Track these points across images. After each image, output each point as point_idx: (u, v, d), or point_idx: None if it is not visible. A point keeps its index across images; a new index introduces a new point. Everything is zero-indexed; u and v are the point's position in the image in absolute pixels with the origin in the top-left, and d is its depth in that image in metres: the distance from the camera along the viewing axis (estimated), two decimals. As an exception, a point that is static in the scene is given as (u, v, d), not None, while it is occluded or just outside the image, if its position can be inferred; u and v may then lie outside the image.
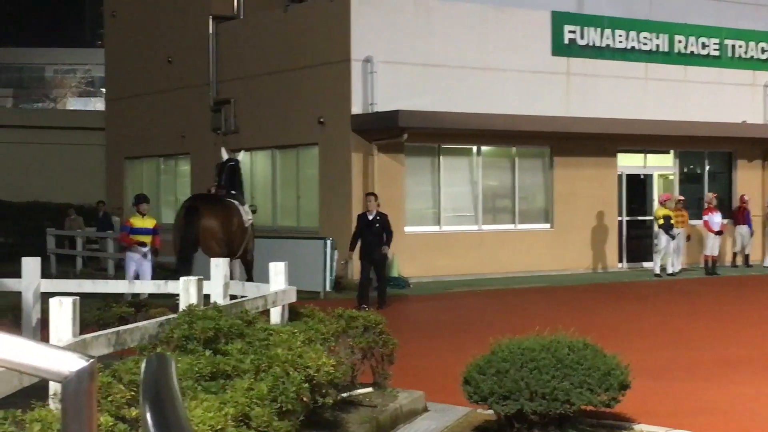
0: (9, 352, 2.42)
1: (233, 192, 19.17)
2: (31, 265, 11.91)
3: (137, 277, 20.27)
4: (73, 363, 2.37)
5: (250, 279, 17.74)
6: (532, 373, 8.83)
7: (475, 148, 28.73)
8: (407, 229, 27.21)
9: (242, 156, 20.29)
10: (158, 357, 2.51)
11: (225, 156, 19.84)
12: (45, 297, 11.88)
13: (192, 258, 17.89)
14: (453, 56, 27.77)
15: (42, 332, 11.62)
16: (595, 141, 29.71)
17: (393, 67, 26.87)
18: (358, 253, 21.09)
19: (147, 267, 20.88)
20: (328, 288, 23.29)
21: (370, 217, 20.58)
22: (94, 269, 31.04)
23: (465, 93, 27.72)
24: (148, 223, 21.17)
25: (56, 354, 2.40)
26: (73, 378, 2.35)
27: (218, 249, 17.79)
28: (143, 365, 2.49)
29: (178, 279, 11.88)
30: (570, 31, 29.71)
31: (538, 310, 20.61)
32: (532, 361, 8.91)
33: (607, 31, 30.27)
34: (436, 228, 27.99)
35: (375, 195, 21.07)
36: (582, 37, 29.91)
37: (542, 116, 28.01)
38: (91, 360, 2.39)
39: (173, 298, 16.37)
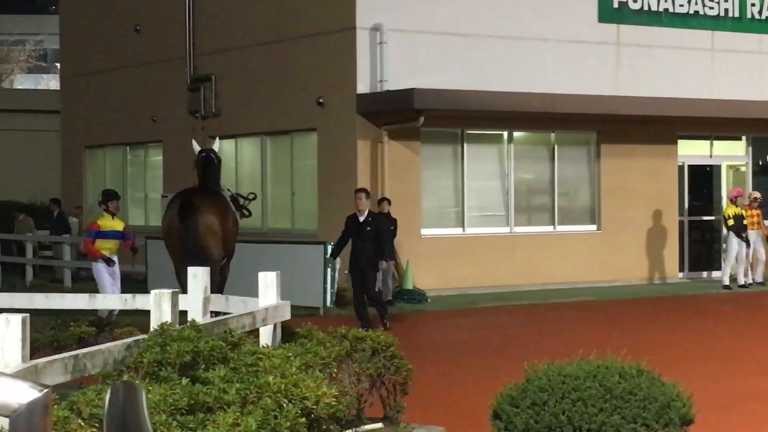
0: (-54, 380, 2.42)
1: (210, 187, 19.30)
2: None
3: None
4: (23, 393, 2.38)
5: (221, 290, 17.81)
6: (576, 405, 8.81)
7: (506, 134, 28.73)
8: (424, 232, 27.23)
9: (218, 144, 20.32)
10: (125, 386, 2.51)
11: (197, 148, 19.95)
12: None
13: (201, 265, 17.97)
14: (480, 23, 27.77)
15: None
16: (650, 125, 29.68)
17: (407, 37, 26.87)
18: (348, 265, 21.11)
19: (117, 278, 20.93)
20: (328, 303, 23.32)
21: (361, 219, 20.28)
22: (48, 280, 31.13)
23: (494, 68, 27.72)
24: (118, 225, 21.15)
25: (4, 383, 2.40)
26: (24, 411, 2.35)
27: (216, 250, 17.92)
28: (108, 396, 2.49)
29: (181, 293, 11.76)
30: (620, -7, 29.71)
31: (582, 329, 20.60)
32: (576, 391, 8.90)
33: (666, -7, 30.26)
34: (458, 231, 28.00)
35: (366, 191, 20.79)
36: (635, -1, 29.90)
37: (587, 95, 28.00)
38: (45, 390, 2.40)
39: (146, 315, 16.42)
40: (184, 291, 10.61)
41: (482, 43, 27.78)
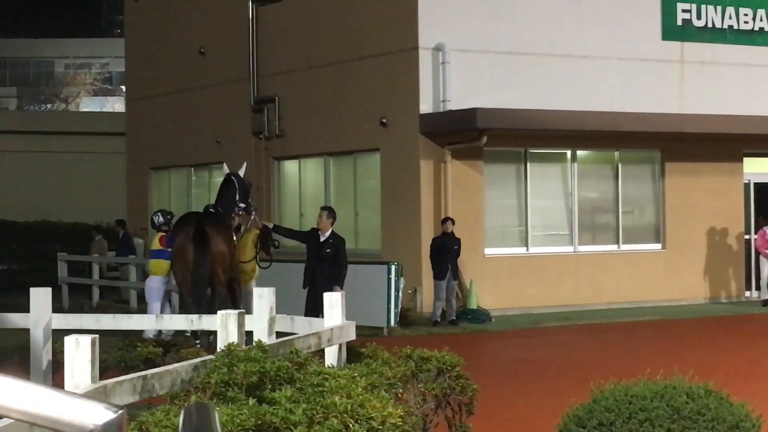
0: (23, 400, 2.46)
1: (211, 207, 19.96)
2: (40, 296, 12.06)
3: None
4: (98, 414, 2.40)
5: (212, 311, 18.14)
6: (643, 426, 8.76)
7: (569, 153, 28.63)
8: (488, 251, 27.18)
9: (243, 169, 20.68)
10: (198, 407, 2.53)
11: (225, 171, 20.63)
12: (57, 334, 12.05)
13: (205, 294, 18.27)
14: (542, 42, 27.73)
15: (54, 377, 11.77)
16: (715, 143, 29.46)
17: (469, 56, 26.88)
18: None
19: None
20: (392, 323, 23.32)
21: (321, 239, 19.08)
22: (114, 301, 31.37)
23: (557, 86, 27.65)
24: None
25: (78, 404, 2.43)
26: (99, 432, 2.38)
27: (224, 277, 18.23)
28: (181, 416, 2.51)
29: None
30: (684, 10, 29.54)
31: (648, 348, 20.44)
32: (643, 411, 8.84)
33: (730, 9, 30.05)
34: (522, 250, 27.92)
35: (328, 209, 19.74)
36: (699, 17, 29.71)
37: (651, 113, 27.85)
38: (120, 411, 2.42)
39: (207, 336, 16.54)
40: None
41: (545, 61, 27.73)
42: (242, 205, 19.79)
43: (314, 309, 17.41)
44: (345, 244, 19.44)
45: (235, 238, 19.34)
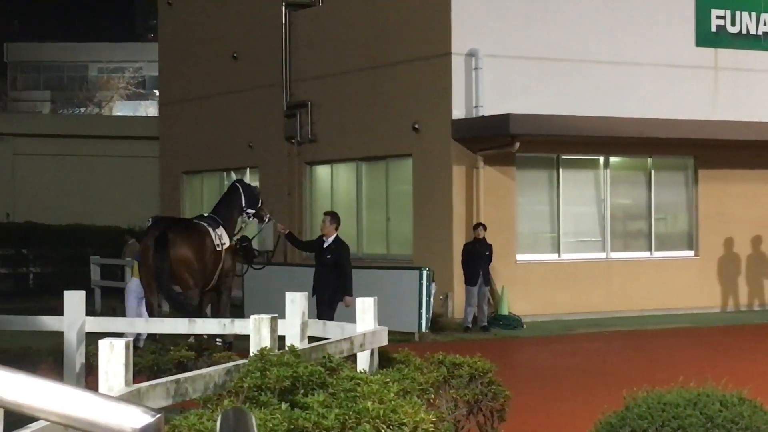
0: (61, 403, 2.47)
1: (206, 214, 20.09)
2: (74, 300, 12.12)
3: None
4: (136, 418, 2.42)
5: (217, 315, 18.42)
6: (676, 434, 8.72)
7: (601, 159, 28.56)
8: (519, 257, 27.13)
9: (247, 176, 21.00)
10: (236, 411, 2.54)
11: (232, 178, 20.98)
12: (90, 337, 12.10)
13: (169, 297, 18.48)
14: (575, 48, 27.67)
15: (87, 379, 11.82)
16: (749, 150, 29.32)
17: (502, 62, 26.86)
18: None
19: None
20: (423, 328, 23.31)
21: (324, 245, 18.86)
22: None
23: (590, 92, 27.59)
24: None
25: (116, 407, 2.44)
26: (137, 436, 2.39)
27: (192, 281, 18.36)
28: (219, 421, 2.52)
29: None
30: (718, 17, 29.43)
31: (681, 356, 20.37)
32: (676, 419, 8.81)
33: (765, 16, 29.91)
34: (554, 256, 27.85)
35: (331, 215, 19.47)
36: (733, 23, 29.60)
37: (684, 120, 27.75)
38: (157, 415, 2.43)
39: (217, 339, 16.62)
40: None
41: (578, 68, 27.68)
42: (250, 210, 19.94)
43: (319, 315, 17.40)
44: (348, 250, 19.17)
45: (220, 245, 19.38)
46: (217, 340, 16.66)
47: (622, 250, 28.71)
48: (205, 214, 20.45)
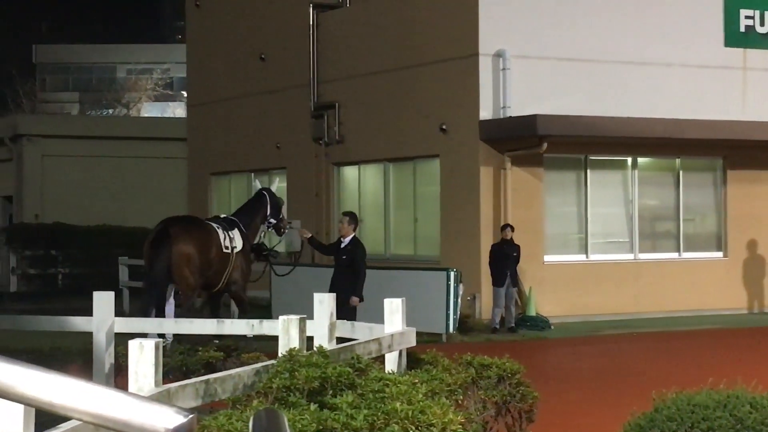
0: (94, 403, 2.48)
1: (224, 215, 20.37)
2: (103, 300, 12.17)
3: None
4: (169, 419, 2.42)
5: (241, 314, 18.52)
6: (705, 436, 8.68)
7: (629, 160, 28.49)
8: (547, 258, 27.09)
9: (258, 184, 21.03)
10: (268, 412, 2.54)
11: (258, 186, 21.18)
12: (119, 338, 12.15)
13: (164, 293, 18.50)
14: (603, 49, 27.61)
15: (116, 380, 11.86)
16: (778, 150, 29.19)
17: (530, 63, 26.82)
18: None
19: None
20: (451, 329, 23.29)
21: (342, 246, 18.84)
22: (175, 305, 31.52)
23: (618, 93, 27.52)
24: None
25: (149, 408, 2.45)
26: (170, 436, 2.40)
27: (191, 279, 18.38)
28: (251, 422, 2.53)
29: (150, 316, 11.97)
30: (747, 17, 29.31)
31: (710, 357, 20.30)
32: (705, 421, 8.78)
33: (794, 16, 29.78)
34: (582, 257, 27.80)
35: (350, 215, 19.33)
36: (762, 23, 29.47)
37: (713, 120, 27.65)
38: (190, 416, 2.44)
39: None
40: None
41: (606, 68, 27.61)
42: (273, 220, 20.14)
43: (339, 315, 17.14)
44: (364, 251, 19.02)
45: (230, 248, 19.39)
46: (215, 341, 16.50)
47: (650, 251, 28.63)
48: (222, 215, 20.59)
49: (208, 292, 19.99)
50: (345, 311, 17.50)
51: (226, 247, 19.28)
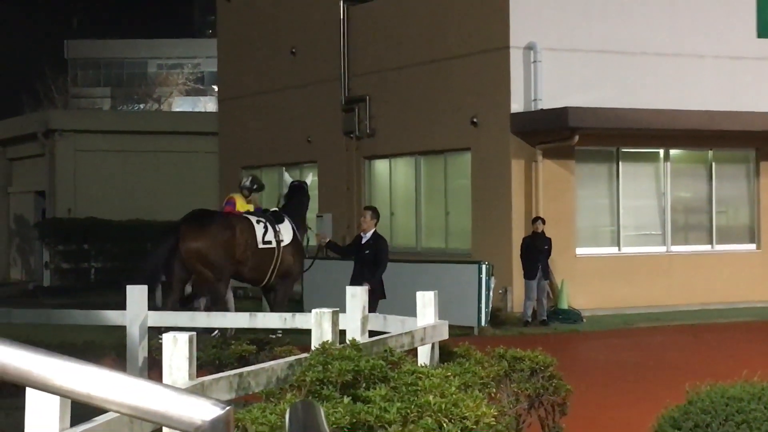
0: (132, 395, 2.50)
1: (266, 209, 20.28)
2: (136, 294, 12.22)
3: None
4: (206, 411, 2.43)
5: (275, 309, 18.23)
6: (740, 428, 8.66)
7: (662, 152, 28.39)
8: (579, 251, 27.04)
9: (309, 179, 21.09)
10: (304, 405, 2.55)
11: (289, 180, 21.07)
12: (152, 332, 12.20)
13: (154, 288, 18.41)
14: (635, 41, 27.52)
15: (149, 374, 11.91)
16: (812, 142, 29.03)
17: (561, 55, 26.77)
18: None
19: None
20: (483, 322, 23.29)
21: (363, 241, 18.67)
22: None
23: (650, 85, 27.44)
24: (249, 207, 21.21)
25: (186, 400, 2.46)
26: (207, 428, 2.41)
27: (208, 273, 18.16)
28: (288, 414, 2.53)
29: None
30: (780, 7, 29.15)
31: (745, 350, 20.20)
32: (740, 413, 8.74)
33: (827, 7, 29.60)
34: (614, 250, 27.74)
35: (372, 210, 19.14)
36: (795, 14, 29.30)
37: (745, 112, 27.52)
38: (227, 408, 2.45)
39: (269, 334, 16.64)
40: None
41: (637, 60, 27.52)
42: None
43: None
44: (386, 244, 18.73)
45: (274, 241, 19.18)
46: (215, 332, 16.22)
47: (682, 244, 28.54)
48: (271, 209, 20.34)
49: (255, 286, 19.95)
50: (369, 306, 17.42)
51: (267, 241, 19.02)
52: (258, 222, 19.19)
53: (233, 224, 18.97)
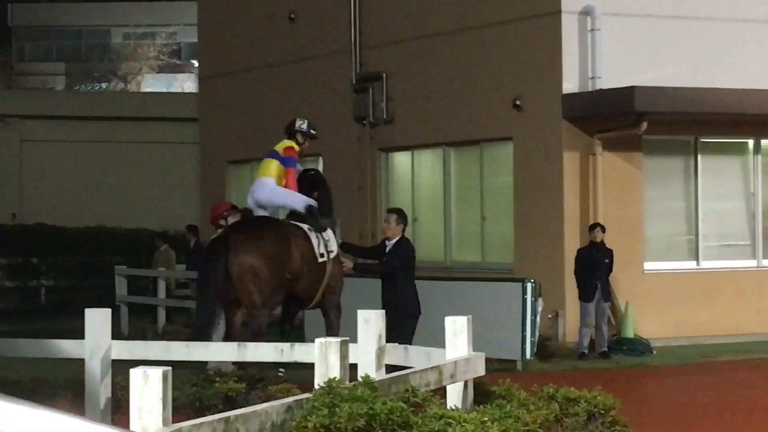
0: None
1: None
2: (97, 319, 12.24)
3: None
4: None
5: (331, 334, 17.99)
6: None
7: (751, 143, 28.40)
8: (648, 266, 27.03)
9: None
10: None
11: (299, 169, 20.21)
12: (117, 366, 12.23)
13: (215, 314, 18.26)
14: (717, 4, 27.54)
15: (114, 418, 11.94)
16: None
17: (625, 22, 26.78)
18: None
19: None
20: (528, 355, 23.29)
21: (387, 249, 18.97)
22: (184, 326, 31.67)
23: (736, 59, 27.45)
24: None
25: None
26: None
27: (257, 296, 18.02)
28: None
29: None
30: None
31: None
32: None
33: None
34: (691, 264, 27.73)
35: (397, 213, 19.30)
36: None
37: None
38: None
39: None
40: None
41: (721, 28, 27.52)
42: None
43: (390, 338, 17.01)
44: (413, 251, 18.95)
45: (326, 253, 19.11)
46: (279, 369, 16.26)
47: (777, 257, 28.54)
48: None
49: (300, 308, 19.90)
50: (401, 329, 17.45)
51: (322, 254, 18.98)
52: (309, 230, 19.11)
53: (296, 234, 18.80)
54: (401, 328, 17.46)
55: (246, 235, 18.48)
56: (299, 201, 19.27)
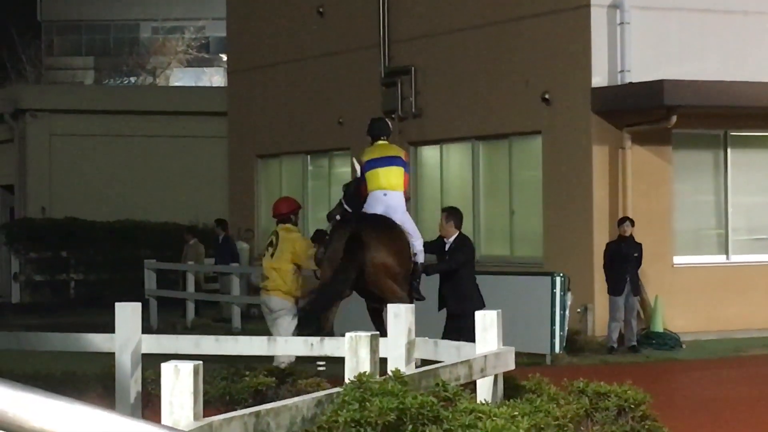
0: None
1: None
2: (127, 314, 12.26)
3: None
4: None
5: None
6: None
7: (782, 137, 28.32)
8: (677, 260, 26.97)
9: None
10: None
11: (358, 168, 19.71)
12: (147, 360, 12.25)
13: (332, 304, 18.21)
14: (747, -3, 27.51)
15: (144, 412, 11.96)
16: None
17: (655, 15, 26.72)
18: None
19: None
20: (557, 349, 23.27)
21: (446, 247, 19.22)
22: (213, 320, 31.73)
23: (766, 53, 27.38)
24: None
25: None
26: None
27: (400, 291, 17.97)
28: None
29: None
30: None
31: None
32: None
33: None
34: (722, 258, 27.65)
35: (451, 211, 19.57)
36: None
37: None
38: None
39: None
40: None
41: (752, 21, 27.44)
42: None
43: (449, 335, 17.10)
44: (471, 249, 19.29)
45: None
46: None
47: (807, 251, 28.46)
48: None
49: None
50: (463, 328, 17.28)
51: (414, 254, 19.00)
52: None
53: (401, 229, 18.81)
54: (468, 324, 17.41)
55: (382, 234, 18.40)
56: (418, 242, 19.12)
